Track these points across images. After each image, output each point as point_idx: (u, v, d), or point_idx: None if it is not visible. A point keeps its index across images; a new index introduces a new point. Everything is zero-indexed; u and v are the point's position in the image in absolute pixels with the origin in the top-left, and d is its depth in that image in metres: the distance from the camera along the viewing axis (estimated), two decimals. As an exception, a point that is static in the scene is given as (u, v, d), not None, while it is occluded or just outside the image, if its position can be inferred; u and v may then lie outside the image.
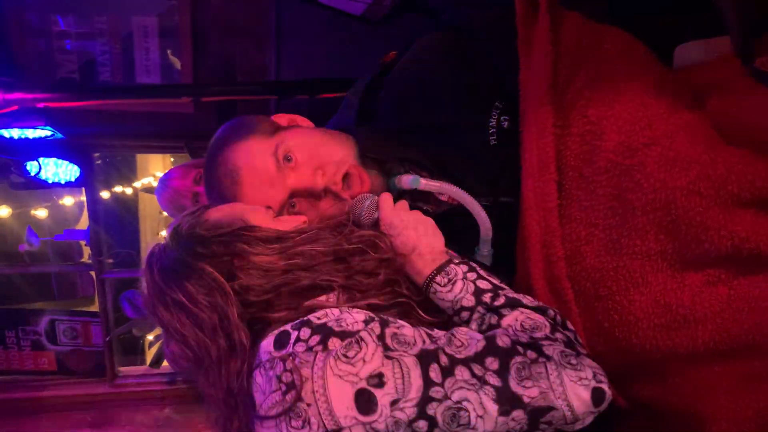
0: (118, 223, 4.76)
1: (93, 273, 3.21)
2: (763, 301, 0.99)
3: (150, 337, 3.92)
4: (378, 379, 0.83)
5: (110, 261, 3.23)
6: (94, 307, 3.52)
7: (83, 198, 4.13)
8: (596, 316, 1.10)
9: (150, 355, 3.53)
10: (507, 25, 1.17)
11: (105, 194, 3.98)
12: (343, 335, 0.86)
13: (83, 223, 4.12)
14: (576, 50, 1.11)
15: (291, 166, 1.15)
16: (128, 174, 4.92)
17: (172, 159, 5.00)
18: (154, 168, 5.38)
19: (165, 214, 5.61)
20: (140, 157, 5.19)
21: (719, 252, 0.98)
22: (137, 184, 4.89)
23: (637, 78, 1.07)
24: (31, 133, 2.30)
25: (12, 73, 2.15)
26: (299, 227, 1.06)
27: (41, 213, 4.43)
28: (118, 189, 4.69)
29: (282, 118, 1.27)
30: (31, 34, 2.59)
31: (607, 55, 1.10)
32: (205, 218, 1.05)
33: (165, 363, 2.94)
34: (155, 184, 4.85)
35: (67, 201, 4.50)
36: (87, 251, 3.93)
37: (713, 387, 1.05)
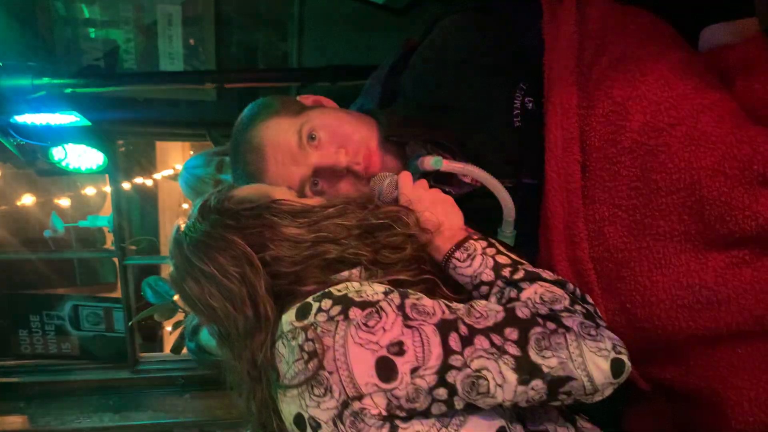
0: (139, 214, 4.82)
1: (116, 259, 3.26)
2: (787, 282, 0.99)
3: (170, 324, 3.97)
4: (398, 347, 0.84)
5: (133, 248, 3.27)
6: (116, 294, 3.57)
7: (105, 188, 4.18)
8: (619, 297, 1.11)
9: (171, 340, 3.57)
10: (531, 5, 1.17)
11: (126, 185, 4.03)
12: (363, 305, 0.87)
13: (106, 210, 4.18)
14: (601, 31, 1.11)
15: (315, 144, 1.17)
16: (148, 166, 4.97)
17: (191, 152, 5.03)
18: (173, 160, 5.43)
19: (185, 206, 5.68)
20: (159, 149, 5.24)
21: (743, 233, 0.98)
22: (157, 176, 4.93)
23: (662, 59, 1.07)
24: (57, 119, 2.33)
25: (40, 60, 2.19)
26: (324, 203, 1.07)
27: (64, 202, 4.50)
28: (138, 180, 4.74)
29: (307, 99, 1.29)
30: (58, 23, 2.62)
31: (632, 35, 1.10)
32: (232, 194, 1.07)
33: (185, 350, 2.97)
34: (175, 175, 4.91)
35: (89, 191, 4.56)
36: (110, 238, 3.99)
37: (736, 368, 1.05)
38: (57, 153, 2.56)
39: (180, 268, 1.03)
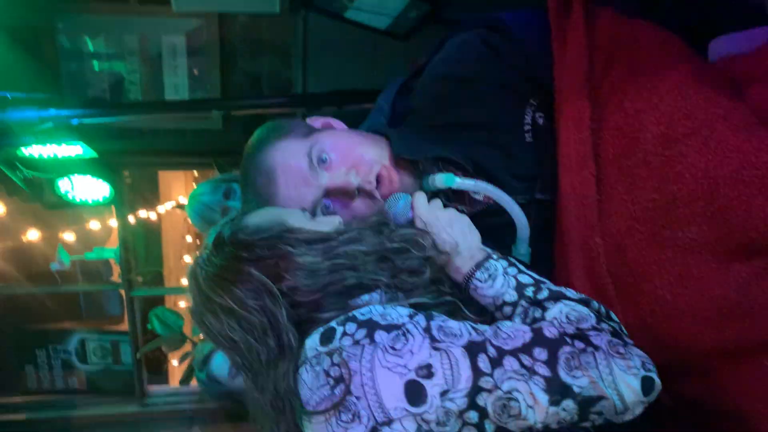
0: (143, 246, 4.81)
1: (122, 291, 3.24)
2: (812, 292, 0.97)
3: (177, 357, 3.94)
4: (427, 370, 0.82)
5: (139, 279, 3.26)
6: (122, 327, 3.55)
7: (110, 222, 4.19)
8: (639, 311, 1.09)
9: (177, 373, 3.54)
10: (539, 21, 1.18)
11: (130, 218, 4.04)
12: (389, 328, 0.86)
13: (111, 243, 4.17)
14: (610, 44, 1.11)
15: (325, 166, 1.16)
16: (152, 198, 4.98)
17: (196, 174, 5.05)
18: (177, 192, 5.45)
19: (188, 239, 5.68)
20: (162, 182, 5.26)
21: (765, 241, 0.97)
22: (161, 209, 4.95)
23: (673, 70, 1.06)
24: (64, 151, 2.34)
25: (46, 92, 2.20)
26: (339, 228, 1.06)
27: (69, 236, 4.50)
28: (142, 213, 4.75)
29: (316, 121, 1.28)
30: (63, 56, 2.65)
31: (641, 48, 1.10)
32: (245, 224, 1.06)
33: (194, 381, 2.94)
34: (178, 209, 4.92)
35: (94, 225, 4.57)
36: (116, 270, 3.98)
37: (763, 381, 1.03)
38: (63, 185, 2.57)
39: (199, 303, 1.01)
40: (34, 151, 2.24)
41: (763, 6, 1.02)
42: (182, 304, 4.19)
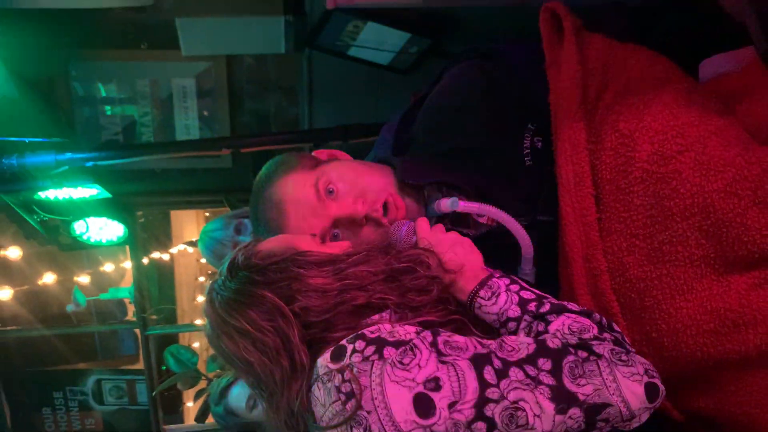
0: (156, 287, 4.85)
1: (137, 330, 3.27)
2: (811, 300, 0.99)
3: (191, 397, 3.94)
4: (435, 383, 0.84)
5: (154, 318, 3.29)
6: (137, 366, 3.57)
7: (123, 264, 4.25)
8: (644, 327, 1.10)
9: (194, 412, 3.53)
10: (533, 50, 1.22)
11: (144, 260, 4.08)
12: (397, 344, 0.88)
13: (126, 283, 4.21)
14: (602, 68, 1.15)
15: (333, 197, 1.20)
16: (164, 239, 5.03)
17: (207, 215, 5.11)
18: (189, 232, 5.50)
19: (201, 279, 5.70)
20: (175, 222, 5.32)
21: (762, 252, 0.99)
22: (173, 250, 4.99)
23: (664, 90, 1.10)
24: (78, 193, 2.40)
25: (61, 136, 2.27)
26: (348, 250, 1.09)
27: (84, 279, 4.56)
28: (155, 255, 4.80)
29: (322, 154, 1.33)
30: (77, 102, 2.74)
31: (633, 70, 1.14)
32: (257, 249, 1.09)
33: (210, 418, 2.94)
34: (190, 250, 4.97)
35: (108, 267, 4.62)
36: (131, 309, 4.01)
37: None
38: (79, 227, 2.62)
39: (214, 327, 1.04)
40: (50, 194, 2.30)
41: (746, 28, 1.06)
42: (197, 344, 4.21)
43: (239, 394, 1.99)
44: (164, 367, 3.43)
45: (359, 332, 0.93)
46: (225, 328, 1.01)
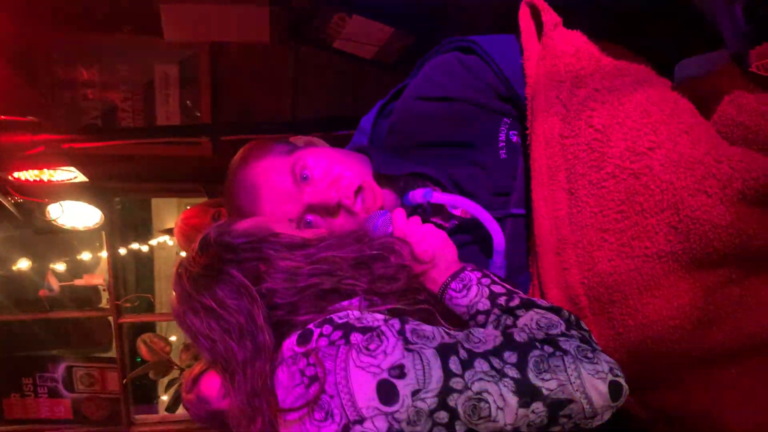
0: (134, 278, 4.80)
1: (111, 318, 3.24)
2: (775, 298, 1.00)
3: (166, 386, 3.91)
4: (399, 371, 0.84)
5: (128, 305, 3.26)
6: (110, 354, 3.53)
7: (100, 253, 4.20)
8: (611, 321, 1.11)
9: (167, 395, 3.51)
10: (511, 44, 1.23)
11: (122, 250, 4.04)
12: (364, 330, 0.88)
13: (101, 271, 4.17)
14: (577, 64, 1.16)
15: (307, 182, 1.19)
16: (144, 231, 4.98)
17: (188, 208, 5.07)
18: (170, 223, 5.44)
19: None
20: (155, 211, 5.27)
21: (728, 250, 1.00)
22: (153, 243, 4.94)
23: (638, 88, 1.11)
24: (54, 176, 2.37)
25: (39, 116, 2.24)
26: (321, 235, 1.09)
27: (60, 267, 4.50)
28: (134, 245, 4.75)
29: (298, 140, 1.32)
30: (58, 86, 2.71)
31: (608, 67, 1.15)
32: (231, 228, 1.09)
33: (182, 408, 2.92)
34: (170, 242, 4.93)
35: (85, 255, 4.56)
36: (105, 296, 3.97)
37: (732, 389, 1.05)
38: (54, 210, 2.59)
39: (181, 302, 1.04)
40: (25, 175, 2.27)
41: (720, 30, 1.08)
42: (173, 338, 4.17)
43: (212, 382, 1.98)
44: (138, 359, 3.40)
45: (327, 317, 0.93)
46: (191, 304, 1.00)
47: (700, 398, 1.09)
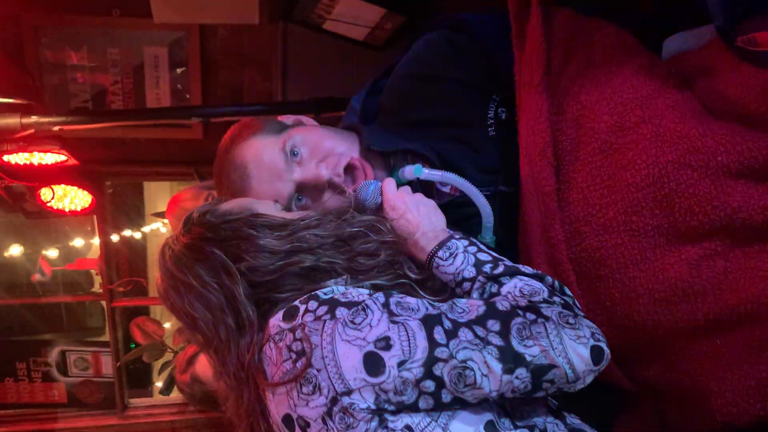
0: (127, 263, 4.79)
1: (104, 302, 3.25)
2: (759, 271, 1.02)
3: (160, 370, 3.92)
4: (385, 342, 0.86)
5: (121, 289, 3.26)
6: (104, 338, 3.54)
7: (92, 240, 4.18)
8: (599, 296, 1.13)
9: (161, 381, 3.52)
10: (500, 22, 1.23)
11: (114, 237, 4.03)
12: (349, 305, 0.90)
13: (94, 254, 4.16)
14: (567, 40, 1.16)
15: (297, 160, 1.20)
16: (136, 214, 4.97)
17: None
18: (162, 207, 5.42)
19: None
20: (148, 196, 5.25)
21: (713, 223, 1.01)
22: (146, 229, 4.93)
23: (626, 64, 1.12)
24: (45, 159, 2.36)
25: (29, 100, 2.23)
26: (302, 215, 1.10)
27: (52, 253, 4.49)
28: (127, 231, 4.73)
29: (288, 119, 1.33)
30: (47, 69, 2.69)
31: (597, 44, 1.15)
32: (215, 208, 1.10)
33: (176, 392, 2.94)
34: (163, 229, 4.91)
35: (77, 241, 4.55)
36: (98, 280, 3.97)
37: (716, 359, 1.07)
38: (45, 194, 2.58)
39: (163, 280, 1.05)
40: (15, 158, 2.26)
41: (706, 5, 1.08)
42: (167, 324, 4.17)
43: (206, 362, 1.99)
44: (133, 345, 3.40)
45: (313, 293, 0.94)
46: (172, 282, 1.02)
47: (685, 369, 1.10)
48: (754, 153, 0.98)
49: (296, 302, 0.94)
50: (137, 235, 4.63)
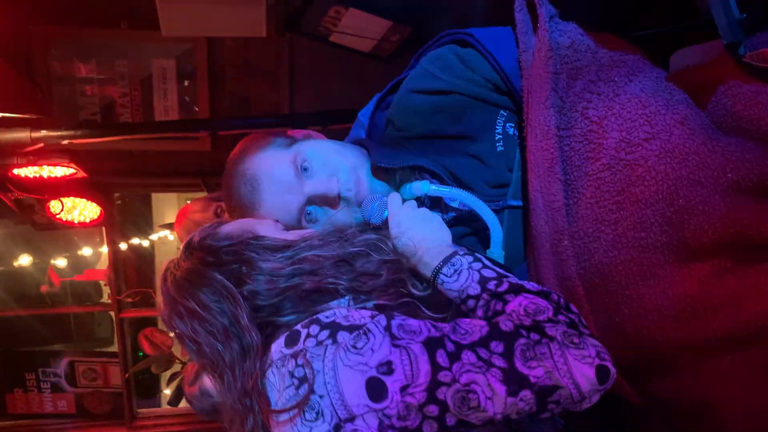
0: (135, 272, 4.80)
1: (112, 313, 3.25)
2: (770, 287, 1.01)
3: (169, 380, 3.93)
4: (387, 367, 0.85)
5: (129, 300, 3.27)
6: (112, 348, 3.55)
7: (101, 249, 4.21)
8: (608, 312, 1.12)
9: (169, 390, 3.52)
10: (507, 36, 1.23)
11: (123, 245, 4.05)
12: (351, 329, 0.89)
13: (102, 266, 4.18)
14: (574, 56, 1.16)
15: (307, 174, 1.21)
16: (144, 226, 4.99)
17: (188, 203, 5.06)
18: (170, 218, 5.44)
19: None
20: (156, 206, 5.27)
21: (723, 240, 1.00)
22: (154, 237, 4.95)
23: (634, 79, 1.12)
24: (54, 172, 2.38)
25: (38, 114, 2.25)
26: (304, 236, 1.10)
27: (61, 262, 4.51)
28: (135, 240, 4.76)
29: (297, 133, 1.33)
30: (56, 82, 2.71)
31: (603, 59, 1.15)
32: (216, 231, 1.10)
33: (184, 402, 2.94)
34: (171, 237, 4.93)
35: (86, 251, 4.57)
36: (106, 291, 3.99)
37: (727, 377, 1.06)
38: (54, 206, 2.60)
39: (166, 305, 1.05)
40: (25, 172, 2.27)
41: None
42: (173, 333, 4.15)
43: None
44: (141, 353, 3.41)
45: (314, 317, 0.94)
46: (175, 308, 1.02)
47: (695, 387, 1.09)
48: (765, 170, 0.97)
49: (298, 326, 0.94)
50: (145, 243, 4.65)
